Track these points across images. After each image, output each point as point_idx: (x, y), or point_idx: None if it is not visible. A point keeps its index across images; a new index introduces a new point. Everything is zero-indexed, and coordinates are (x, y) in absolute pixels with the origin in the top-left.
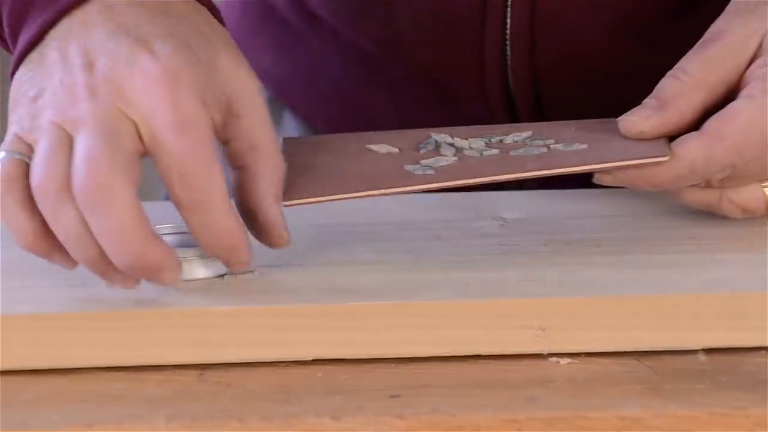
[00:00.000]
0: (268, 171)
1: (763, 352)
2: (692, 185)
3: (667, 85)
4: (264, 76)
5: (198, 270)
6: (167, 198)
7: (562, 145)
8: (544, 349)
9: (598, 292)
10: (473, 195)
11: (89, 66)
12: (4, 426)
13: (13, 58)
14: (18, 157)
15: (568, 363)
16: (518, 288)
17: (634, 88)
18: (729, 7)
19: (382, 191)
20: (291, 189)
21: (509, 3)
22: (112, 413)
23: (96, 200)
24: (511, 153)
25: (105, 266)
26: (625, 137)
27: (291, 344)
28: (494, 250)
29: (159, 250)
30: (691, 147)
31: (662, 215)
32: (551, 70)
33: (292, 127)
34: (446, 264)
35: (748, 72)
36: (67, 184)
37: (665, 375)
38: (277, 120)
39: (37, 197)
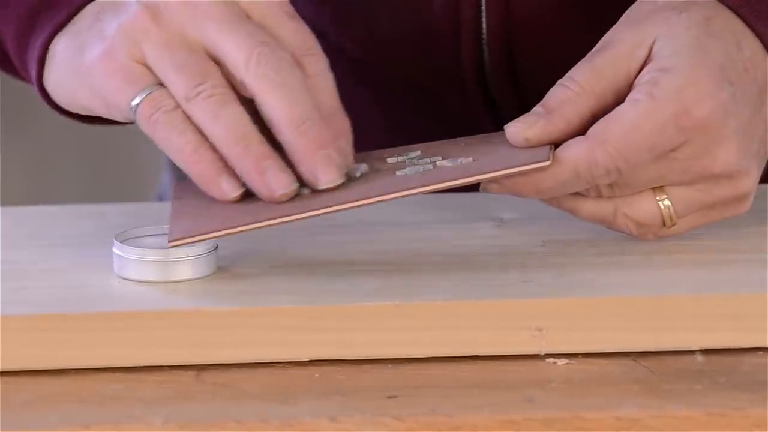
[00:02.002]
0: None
1: (762, 352)
2: (585, 197)
3: (554, 93)
4: None
5: (188, 270)
6: (160, 198)
7: (449, 161)
8: (542, 350)
9: (595, 293)
10: (471, 195)
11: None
12: (2, 426)
13: (37, 48)
14: (157, 89)
15: (566, 364)
16: (516, 289)
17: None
18: (622, 18)
19: (264, 223)
20: (180, 228)
21: (483, 7)
22: (109, 414)
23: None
24: (397, 173)
25: (268, 154)
26: (512, 146)
27: (288, 345)
28: (492, 251)
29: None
30: (573, 150)
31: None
32: (530, 71)
33: None
34: (444, 265)
35: (637, 78)
36: (227, 85)
37: (663, 375)
38: None
39: (199, 99)
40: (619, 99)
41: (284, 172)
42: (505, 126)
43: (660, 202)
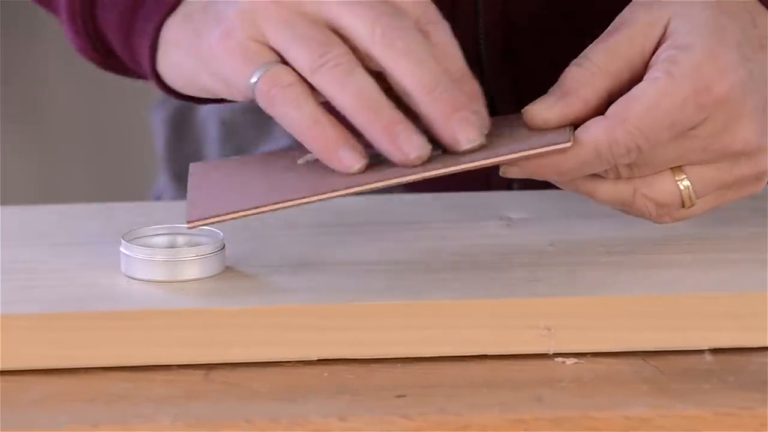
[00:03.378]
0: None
1: None
2: (604, 179)
3: (570, 73)
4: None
5: (196, 269)
6: (158, 198)
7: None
8: (551, 349)
9: (604, 292)
10: (479, 195)
11: None
12: (9, 426)
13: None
14: (268, 68)
15: (574, 363)
16: (524, 288)
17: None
18: None
19: (281, 204)
20: (198, 209)
21: (480, 4)
22: (118, 413)
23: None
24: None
25: (400, 119)
26: (530, 128)
27: (297, 344)
28: (500, 250)
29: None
30: (593, 131)
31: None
32: (527, 66)
33: (280, 133)
34: (452, 264)
35: (653, 57)
36: (351, 53)
37: (672, 375)
38: (265, 126)
39: (325, 70)
40: (635, 78)
41: (417, 134)
42: (523, 109)
43: (679, 183)
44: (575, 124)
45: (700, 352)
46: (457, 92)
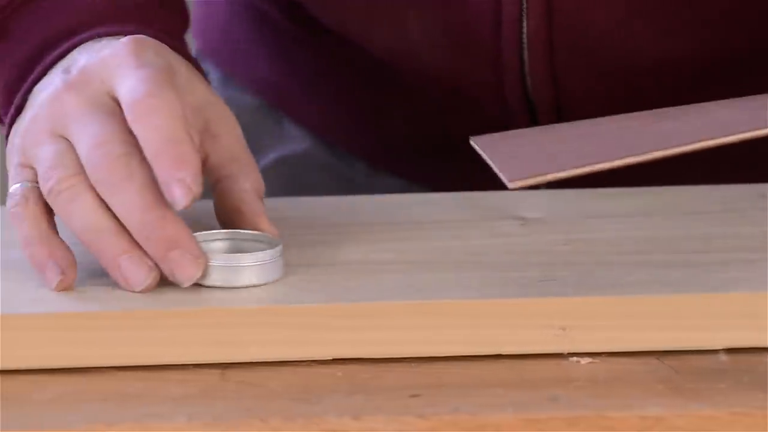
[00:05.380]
0: (251, 173)
1: None
2: None
3: None
4: (261, 84)
5: (255, 275)
6: None
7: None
8: (565, 349)
9: (618, 292)
10: (493, 194)
11: (64, 75)
12: (24, 426)
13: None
14: (29, 185)
15: (589, 363)
16: (539, 288)
17: (652, 79)
18: None
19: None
20: (515, 170)
21: (525, 5)
22: (133, 412)
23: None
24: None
25: (122, 249)
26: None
27: (312, 343)
28: (514, 250)
29: (178, 225)
30: None
31: (683, 215)
32: (570, 68)
33: (294, 135)
34: (466, 263)
35: None
36: (79, 174)
37: (687, 375)
38: (277, 128)
39: (51, 197)
40: None
41: (140, 265)
42: None
43: None
44: None
45: (715, 351)
46: (168, 226)
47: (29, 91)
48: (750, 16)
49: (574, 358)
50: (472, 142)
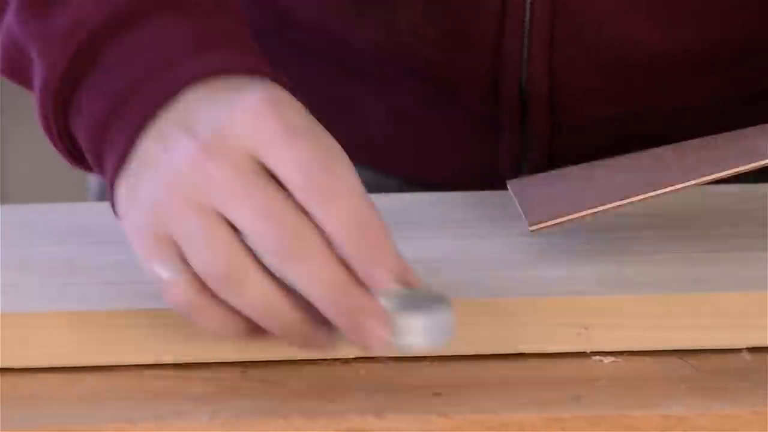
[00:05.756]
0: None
1: None
2: None
3: None
4: None
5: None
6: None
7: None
8: (587, 348)
9: (641, 291)
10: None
11: (191, 134)
12: (47, 424)
13: (106, 184)
14: (177, 276)
15: (612, 362)
16: (560, 286)
17: (647, 72)
18: None
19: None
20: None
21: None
22: (155, 410)
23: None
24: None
25: (308, 325)
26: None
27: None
28: (535, 248)
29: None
30: None
31: (705, 213)
32: (568, 61)
33: None
34: (486, 262)
35: None
36: (242, 251)
37: (709, 374)
38: None
39: (215, 285)
40: None
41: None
42: None
43: None
44: None
45: (738, 350)
46: (359, 294)
47: (135, 134)
48: (748, 5)
49: (597, 357)
50: (508, 185)
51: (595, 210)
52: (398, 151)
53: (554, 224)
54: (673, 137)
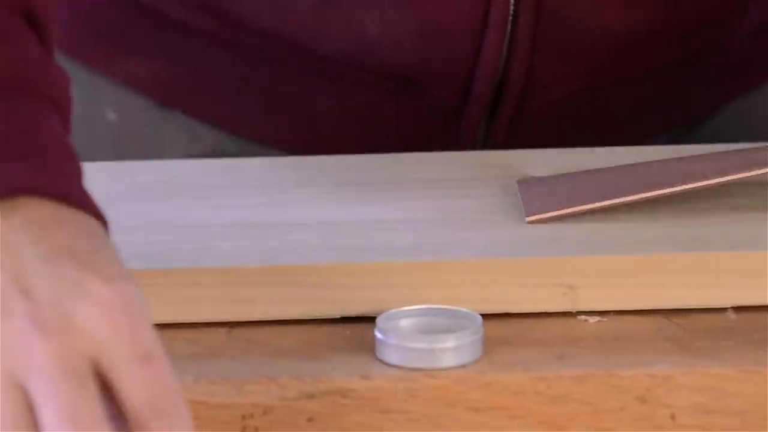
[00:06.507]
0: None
1: None
2: None
3: None
4: (150, 80)
5: (453, 358)
6: None
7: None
8: (573, 308)
9: (626, 251)
10: (502, 153)
11: (25, 291)
12: None
13: None
14: None
15: (597, 321)
16: (546, 246)
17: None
18: None
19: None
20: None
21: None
22: None
23: None
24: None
25: None
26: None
27: (320, 302)
28: (520, 208)
29: None
30: None
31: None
32: (547, 58)
33: (200, 132)
34: (474, 222)
35: None
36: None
37: (695, 333)
38: (160, 126)
39: None
40: None
41: None
42: None
43: None
44: None
45: (723, 310)
46: None
47: None
48: None
49: (583, 317)
50: (517, 185)
51: (593, 206)
52: (354, 149)
53: (550, 216)
54: (619, 106)
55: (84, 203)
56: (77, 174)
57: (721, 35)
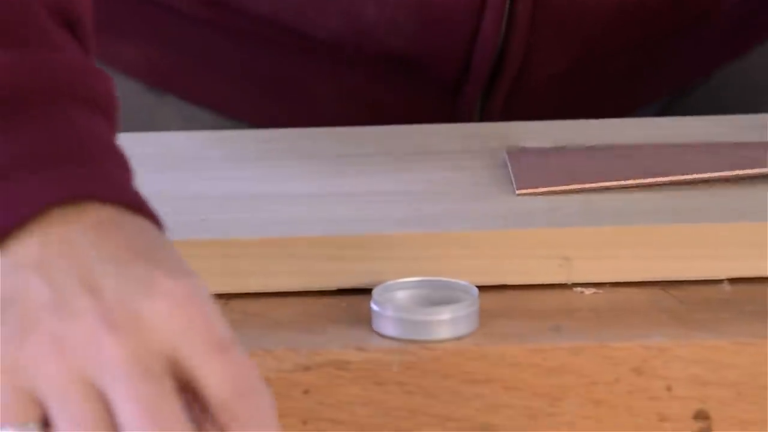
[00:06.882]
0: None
1: None
2: None
3: None
4: (145, 64)
5: (449, 329)
6: None
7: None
8: (569, 279)
9: (622, 222)
10: (496, 125)
11: (93, 291)
12: None
13: None
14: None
15: (593, 293)
16: (542, 218)
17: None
18: None
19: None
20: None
21: None
22: None
23: None
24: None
25: None
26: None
27: (316, 274)
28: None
29: None
30: None
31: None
32: (545, 34)
33: (197, 116)
34: (469, 194)
35: None
36: None
37: (690, 305)
38: (154, 110)
39: None
40: None
41: None
42: None
43: None
44: None
45: (719, 281)
46: None
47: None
48: None
49: (578, 289)
50: (506, 155)
51: (585, 186)
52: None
53: (541, 192)
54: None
55: (139, 206)
56: (130, 178)
57: (713, 1)
